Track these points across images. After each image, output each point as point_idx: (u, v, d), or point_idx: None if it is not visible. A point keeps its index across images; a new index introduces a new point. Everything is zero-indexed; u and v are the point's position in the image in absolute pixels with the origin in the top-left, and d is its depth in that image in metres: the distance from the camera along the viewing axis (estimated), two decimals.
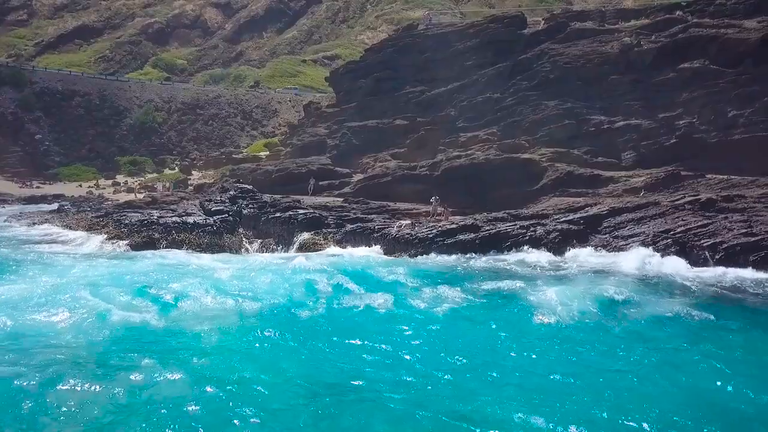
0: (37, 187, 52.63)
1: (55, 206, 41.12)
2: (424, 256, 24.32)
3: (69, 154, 62.14)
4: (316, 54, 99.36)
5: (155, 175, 61.19)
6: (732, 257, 21.18)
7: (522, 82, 38.29)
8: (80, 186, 54.27)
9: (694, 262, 21.38)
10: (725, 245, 21.45)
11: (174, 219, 29.51)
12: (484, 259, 23.05)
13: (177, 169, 64.17)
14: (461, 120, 39.34)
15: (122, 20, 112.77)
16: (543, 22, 41.90)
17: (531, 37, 40.25)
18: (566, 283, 18.75)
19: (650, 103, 34.64)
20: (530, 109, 37.05)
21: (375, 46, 49.18)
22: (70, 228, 31.08)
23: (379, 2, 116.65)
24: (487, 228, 24.34)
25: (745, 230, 21.80)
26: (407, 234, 25.78)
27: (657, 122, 33.74)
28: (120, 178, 59.24)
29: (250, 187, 34.06)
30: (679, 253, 21.65)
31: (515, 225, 24.44)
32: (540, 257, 22.49)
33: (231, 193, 32.65)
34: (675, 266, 20.67)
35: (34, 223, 33.87)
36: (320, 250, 26.80)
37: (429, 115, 40.79)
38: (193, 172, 61.22)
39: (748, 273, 20.09)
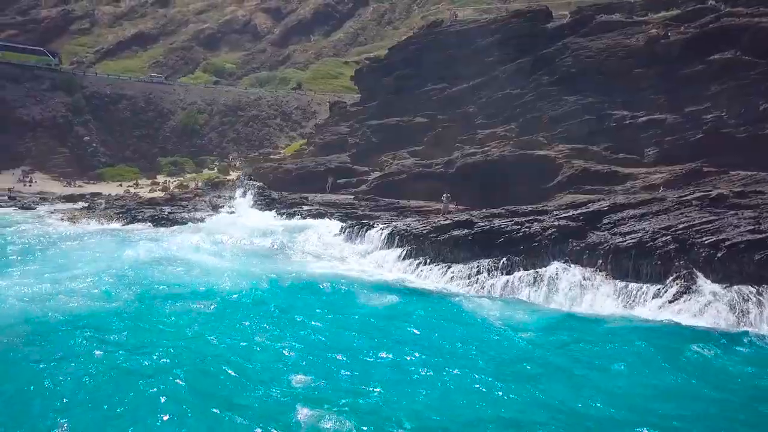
0: (79, 186, 55.01)
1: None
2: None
3: (114, 156, 64.69)
4: (359, 55, 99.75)
5: (193, 175, 62.86)
6: (735, 256, 19.78)
7: (543, 78, 37.15)
8: (120, 185, 56.37)
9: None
10: (728, 242, 20.00)
11: (182, 215, 30.23)
12: None
13: (216, 169, 65.67)
14: (480, 117, 38.60)
15: (176, 27, 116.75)
16: (569, 15, 40.57)
17: (554, 32, 39.03)
18: None
19: (676, 97, 32.88)
20: (550, 105, 35.93)
21: (399, 45, 48.90)
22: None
23: (425, 3, 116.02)
24: (482, 224, 23.66)
25: (753, 227, 20.29)
26: (403, 230, 25.43)
27: (682, 117, 32.01)
28: (160, 178, 61.16)
29: (259, 183, 34.49)
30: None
31: (511, 221, 23.64)
32: None
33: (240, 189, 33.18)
34: None
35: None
36: None
37: (449, 113, 40.19)
38: (231, 172, 62.49)
39: None
